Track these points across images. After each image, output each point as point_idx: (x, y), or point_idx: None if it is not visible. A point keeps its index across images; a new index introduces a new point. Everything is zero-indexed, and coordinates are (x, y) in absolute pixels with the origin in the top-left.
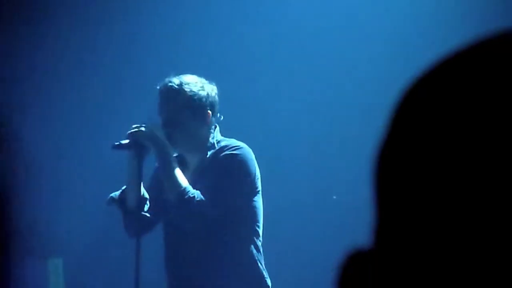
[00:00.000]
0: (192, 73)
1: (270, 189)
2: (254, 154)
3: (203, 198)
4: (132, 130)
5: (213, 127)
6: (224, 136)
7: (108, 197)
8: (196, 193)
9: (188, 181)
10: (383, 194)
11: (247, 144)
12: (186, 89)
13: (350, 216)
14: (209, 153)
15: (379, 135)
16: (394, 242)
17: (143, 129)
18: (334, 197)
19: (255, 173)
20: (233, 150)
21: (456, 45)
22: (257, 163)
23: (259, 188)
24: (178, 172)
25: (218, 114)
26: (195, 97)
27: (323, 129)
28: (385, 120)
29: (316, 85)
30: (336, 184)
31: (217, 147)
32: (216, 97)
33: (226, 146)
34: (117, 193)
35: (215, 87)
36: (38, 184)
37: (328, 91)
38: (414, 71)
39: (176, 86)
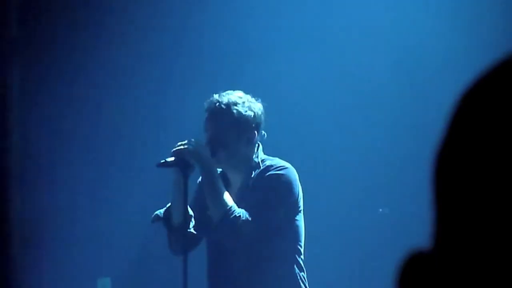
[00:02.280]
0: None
1: (314, 203)
2: (295, 167)
3: (248, 218)
4: (177, 148)
5: (256, 145)
6: (266, 154)
7: (153, 215)
8: (242, 212)
9: (232, 199)
10: (443, 196)
11: (287, 159)
12: (233, 110)
13: (396, 229)
14: (253, 172)
15: (426, 144)
16: (454, 244)
17: (188, 146)
18: (380, 210)
19: (298, 193)
20: (278, 170)
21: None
22: (299, 176)
23: (301, 207)
24: (223, 191)
25: (263, 132)
26: (242, 118)
27: (367, 137)
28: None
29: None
30: (382, 196)
31: (262, 167)
32: (262, 116)
33: (271, 165)
34: (162, 210)
35: (261, 106)
36: (82, 203)
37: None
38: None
39: (224, 106)
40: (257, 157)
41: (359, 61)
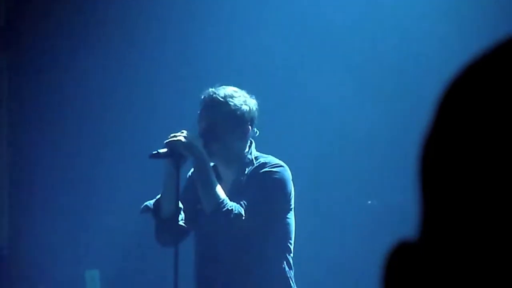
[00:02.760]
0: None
1: (304, 197)
2: (285, 160)
3: (241, 212)
4: (170, 139)
5: (248, 142)
6: (258, 151)
7: (143, 206)
8: (234, 206)
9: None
10: (429, 186)
11: (276, 153)
12: (230, 102)
13: (385, 220)
14: (247, 169)
15: (415, 136)
16: (440, 234)
17: (181, 138)
18: (369, 202)
19: (290, 191)
20: (272, 168)
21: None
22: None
23: (293, 205)
24: (216, 183)
25: (255, 129)
26: (238, 111)
27: (355, 132)
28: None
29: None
30: (371, 188)
31: (255, 164)
32: (257, 112)
33: (265, 163)
34: (152, 201)
35: (256, 102)
36: (71, 194)
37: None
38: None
39: (221, 98)
40: (250, 153)
41: (351, 57)
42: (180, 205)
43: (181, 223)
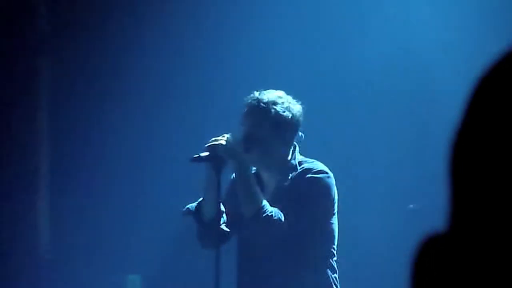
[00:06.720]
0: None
1: (345, 202)
2: (325, 163)
3: (281, 218)
4: (211, 143)
5: (292, 147)
6: (303, 155)
7: (184, 209)
8: (274, 212)
9: (266, 199)
10: (458, 181)
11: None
12: (271, 109)
13: (427, 224)
14: (290, 174)
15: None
16: (469, 226)
17: (222, 142)
18: (411, 206)
19: (334, 197)
20: (317, 174)
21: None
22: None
23: (336, 210)
24: (256, 188)
25: (300, 133)
26: (279, 118)
27: (392, 135)
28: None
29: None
30: (413, 192)
31: (299, 169)
32: (301, 118)
33: (310, 169)
34: (194, 204)
35: (300, 108)
36: (113, 200)
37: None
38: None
39: (263, 104)
40: (294, 159)
41: (369, 59)
42: (223, 208)
43: (223, 226)
